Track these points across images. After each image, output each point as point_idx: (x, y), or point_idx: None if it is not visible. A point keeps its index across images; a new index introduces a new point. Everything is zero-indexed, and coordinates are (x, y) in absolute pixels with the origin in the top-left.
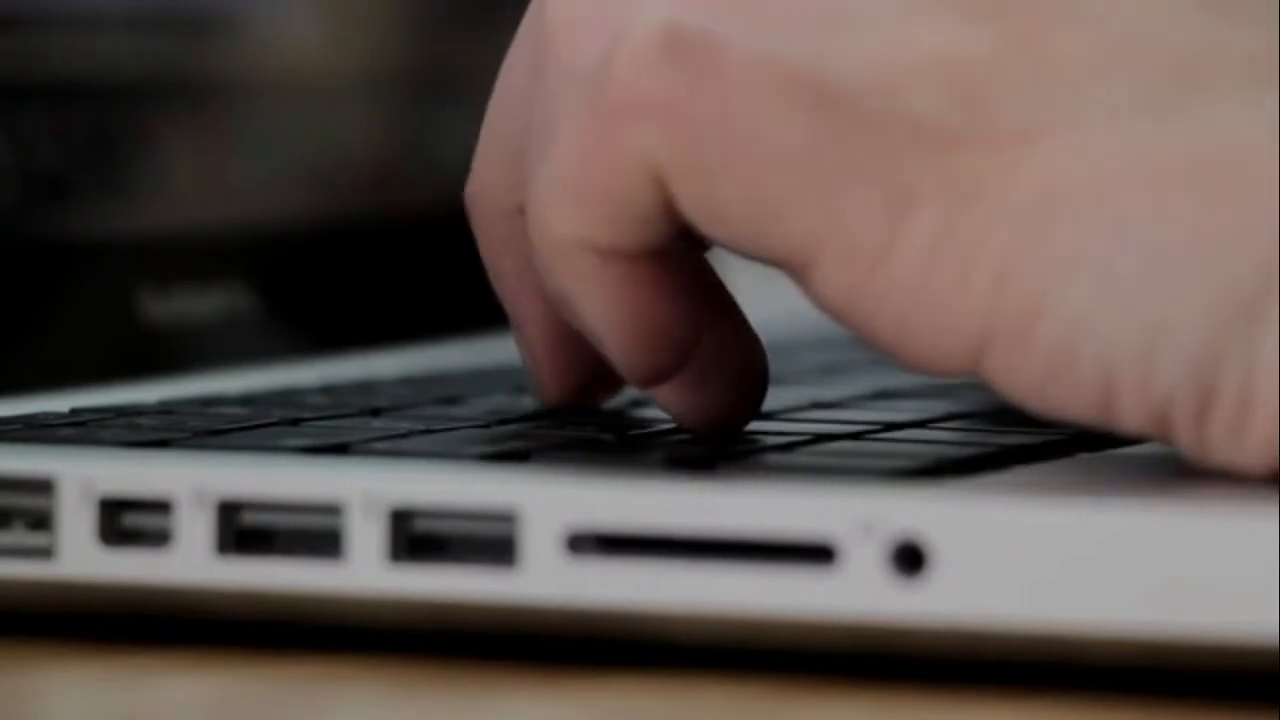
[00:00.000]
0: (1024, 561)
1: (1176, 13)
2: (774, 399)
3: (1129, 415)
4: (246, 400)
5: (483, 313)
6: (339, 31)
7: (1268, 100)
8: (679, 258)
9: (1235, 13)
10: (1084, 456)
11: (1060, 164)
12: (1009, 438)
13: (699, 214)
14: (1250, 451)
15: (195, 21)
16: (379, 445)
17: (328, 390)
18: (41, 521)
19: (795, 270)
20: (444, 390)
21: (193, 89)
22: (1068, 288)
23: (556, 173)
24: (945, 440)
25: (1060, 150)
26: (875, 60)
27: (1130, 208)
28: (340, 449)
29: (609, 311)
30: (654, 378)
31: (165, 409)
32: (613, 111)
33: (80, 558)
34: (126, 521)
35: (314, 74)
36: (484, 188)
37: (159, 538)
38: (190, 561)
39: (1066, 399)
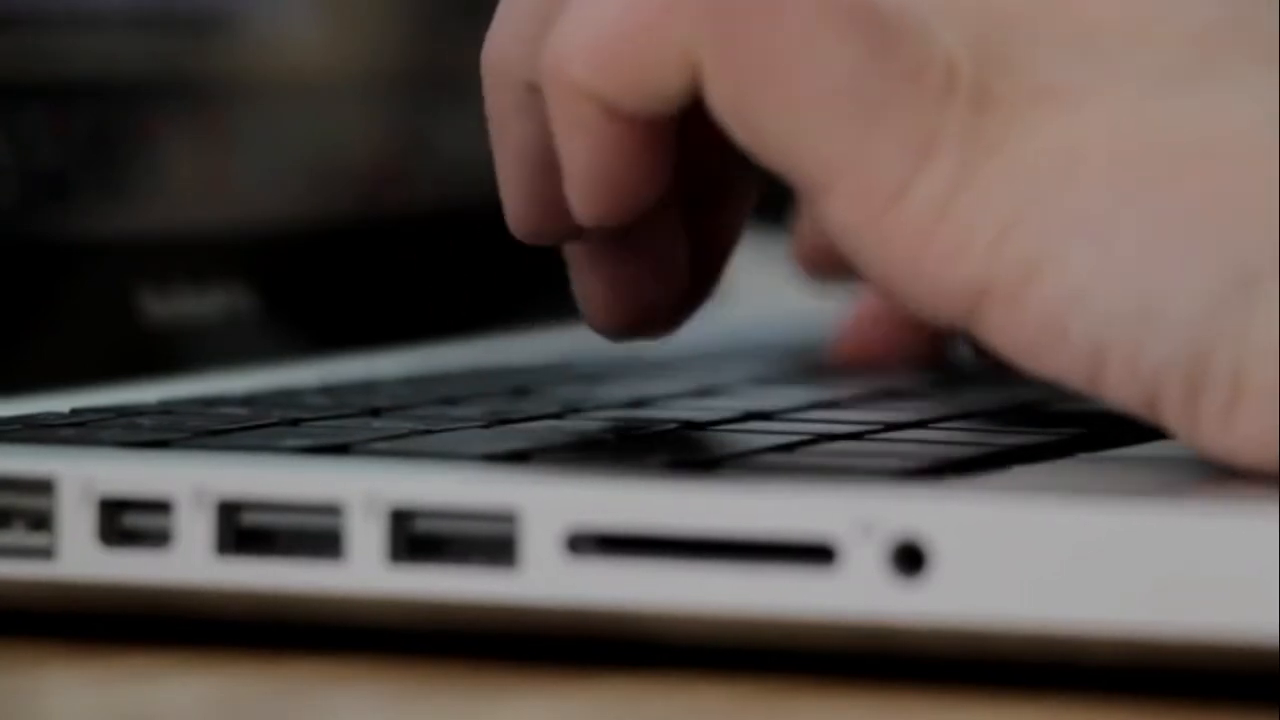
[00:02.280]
0: (1024, 561)
1: None
2: (774, 399)
3: (1118, 388)
4: (246, 400)
5: (483, 313)
6: (339, 31)
7: None
8: (673, 128)
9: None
10: (1084, 456)
11: (1076, 130)
12: (1009, 438)
13: (727, 115)
14: (1239, 436)
15: (195, 21)
16: (379, 445)
17: (328, 390)
18: (41, 521)
19: (811, 191)
20: (444, 390)
21: (193, 89)
22: (1067, 253)
23: (592, 25)
24: (945, 440)
25: (1079, 117)
26: (927, 6)
27: (1137, 180)
28: (340, 449)
29: (590, 158)
30: (600, 220)
31: (165, 409)
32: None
33: (80, 558)
34: (126, 521)
35: (314, 74)
36: (500, 58)
37: (159, 538)
38: (190, 561)
39: (1057, 363)
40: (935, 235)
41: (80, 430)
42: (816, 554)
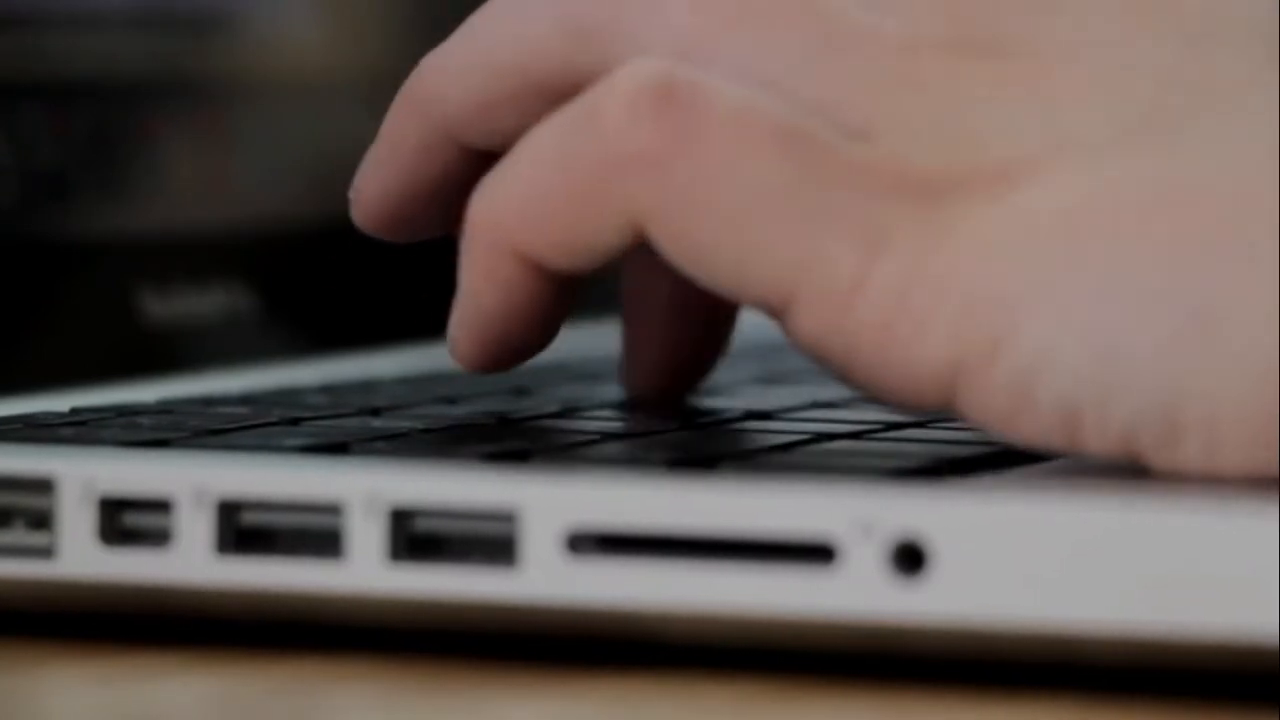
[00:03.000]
0: (1024, 561)
1: (1179, 34)
2: (774, 399)
3: (1097, 445)
4: (246, 400)
5: None
6: (339, 31)
7: (1249, 125)
8: (582, 283)
9: (1218, 43)
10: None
11: (1029, 201)
12: None
13: (680, 256)
14: (1228, 470)
15: (195, 21)
16: (379, 445)
17: (328, 390)
18: (41, 521)
19: (774, 312)
20: (444, 390)
21: (193, 89)
22: (1029, 320)
23: (528, 184)
24: (945, 440)
25: (1035, 185)
26: (864, 97)
27: (1091, 242)
28: (340, 449)
29: (497, 313)
30: (477, 369)
31: (165, 409)
32: (600, 162)
33: (80, 557)
34: (126, 521)
35: (314, 74)
36: (438, 97)
37: (159, 537)
38: (190, 561)
39: (1033, 429)
40: (898, 324)
41: (80, 430)
42: (816, 554)
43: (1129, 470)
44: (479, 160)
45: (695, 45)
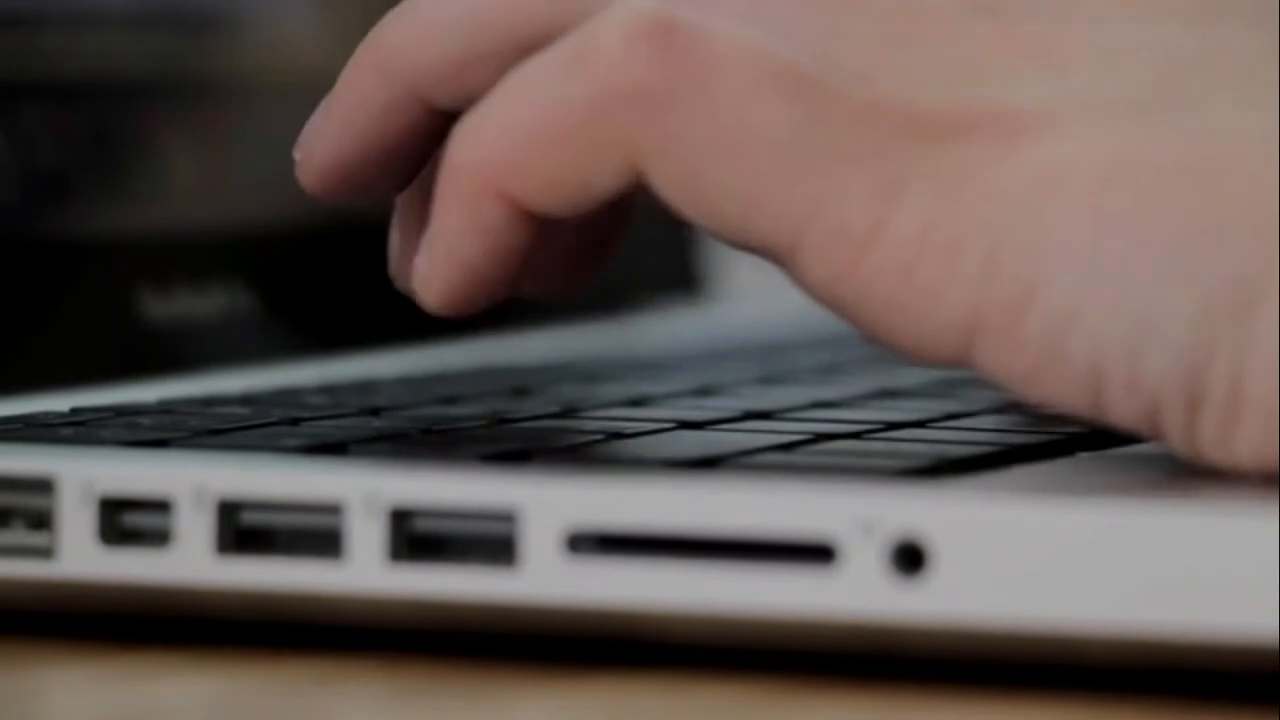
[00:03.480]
0: (1024, 561)
1: (1177, 15)
2: (774, 399)
3: (1119, 409)
4: (246, 400)
5: (483, 312)
6: (339, 31)
7: (1263, 101)
8: (562, 228)
9: (1235, 17)
10: (1084, 456)
11: (1055, 154)
12: (1009, 438)
13: (680, 199)
14: (1241, 450)
15: (195, 21)
16: (379, 445)
17: (328, 390)
18: (41, 521)
19: (779, 256)
20: (444, 390)
21: (193, 89)
22: (1057, 277)
23: (515, 123)
24: (945, 440)
25: (1051, 140)
26: (868, 49)
27: (1122, 200)
28: (340, 449)
29: (475, 258)
30: (446, 311)
31: (165, 409)
32: (596, 98)
33: (80, 558)
34: (126, 521)
35: (314, 74)
36: (400, 56)
37: (159, 538)
38: (190, 561)
39: (1056, 389)
40: (916, 272)
41: (80, 430)
42: (817, 554)
43: (1129, 470)
44: (443, 121)
45: None
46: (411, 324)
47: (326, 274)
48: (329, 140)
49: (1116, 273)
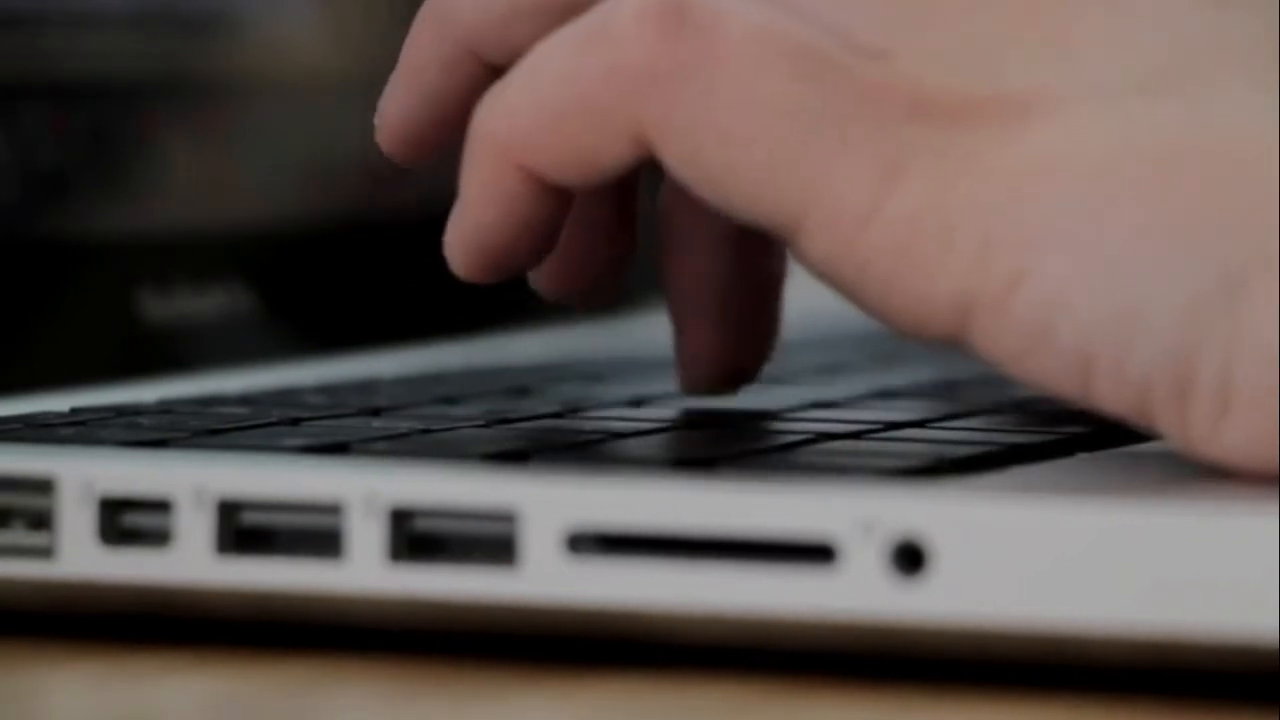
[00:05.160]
0: (1024, 561)
1: (1165, 6)
2: (774, 399)
3: (1108, 396)
4: (246, 400)
5: (483, 313)
6: (339, 31)
7: (1263, 91)
8: (580, 201)
9: (1238, 6)
10: (1084, 456)
11: (1053, 139)
12: (1009, 438)
13: (688, 176)
14: (1229, 440)
15: (195, 21)
16: (379, 445)
17: (328, 390)
18: (41, 521)
19: (783, 232)
20: (444, 390)
21: (193, 89)
22: (1049, 260)
23: (535, 95)
24: (945, 440)
25: (1055, 125)
26: (881, 30)
27: (1116, 187)
28: (340, 449)
29: (498, 225)
30: (473, 278)
31: (165, 409)
32: (608, 71)
33: (80, 558)
34: (126, 521)
35: (314, 74)
36: (457, 12)
37: (159, 537)
38: (190, 561)
39: (1045, 372)
40: (912, 250)
41: (80, 430)
42: (816, 554)
43: (1129, 471)
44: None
45: None
46: (411, 324)
47: (326, 274)
48: (398, 102)
49: (1108, 261)
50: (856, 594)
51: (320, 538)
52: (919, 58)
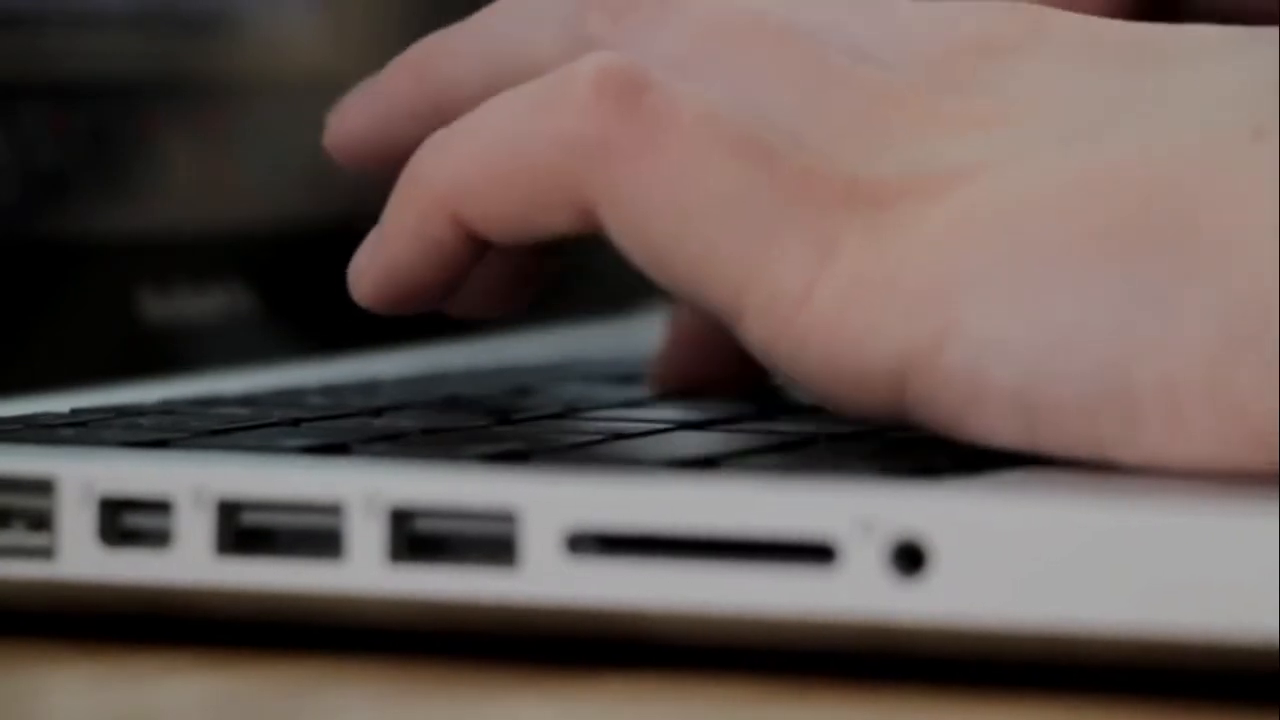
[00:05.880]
0: (1024, 561)
1: (1095, 63)
2: (773, 398)
3: (1054, 436)
4: (246, 400)
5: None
6: (339, 31)
7: (1156, 125)
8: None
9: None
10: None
11: (973, 197)
12: None
13: (635, 251)
14: (1190, 448)
15: (195, 21)
16: (379, 445)
17: (328, 390)
18: (41, 521)
19: (725, 314)
20: (444, 390)
21: (193, 89)
22: (976, 309)
23: (484, 153)
24: (945, 440)
25: (976, 186)
26: (831, 124)
27: (1029, 231)
28: (340, 449)
29: (414, 267)
30: (376, 308)
31: (165, 409)
32: (560, 137)
33: (80, 558)
34: (126, 521)
35: (314, 74)
36: (439, 70)
37: (159, 538)
38: (190, 561)
39: (987, 425)
40: (846, 323)
41: (80, 430)
42: (816, 554)
43: (1128, 471)
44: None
45: (687, 57)
46: (412, 324)
47: (326, 274)
48: (358, 122)
49: (1030, 300)
50: (856, 594)
51: (320, 538)
52: (860, 152)
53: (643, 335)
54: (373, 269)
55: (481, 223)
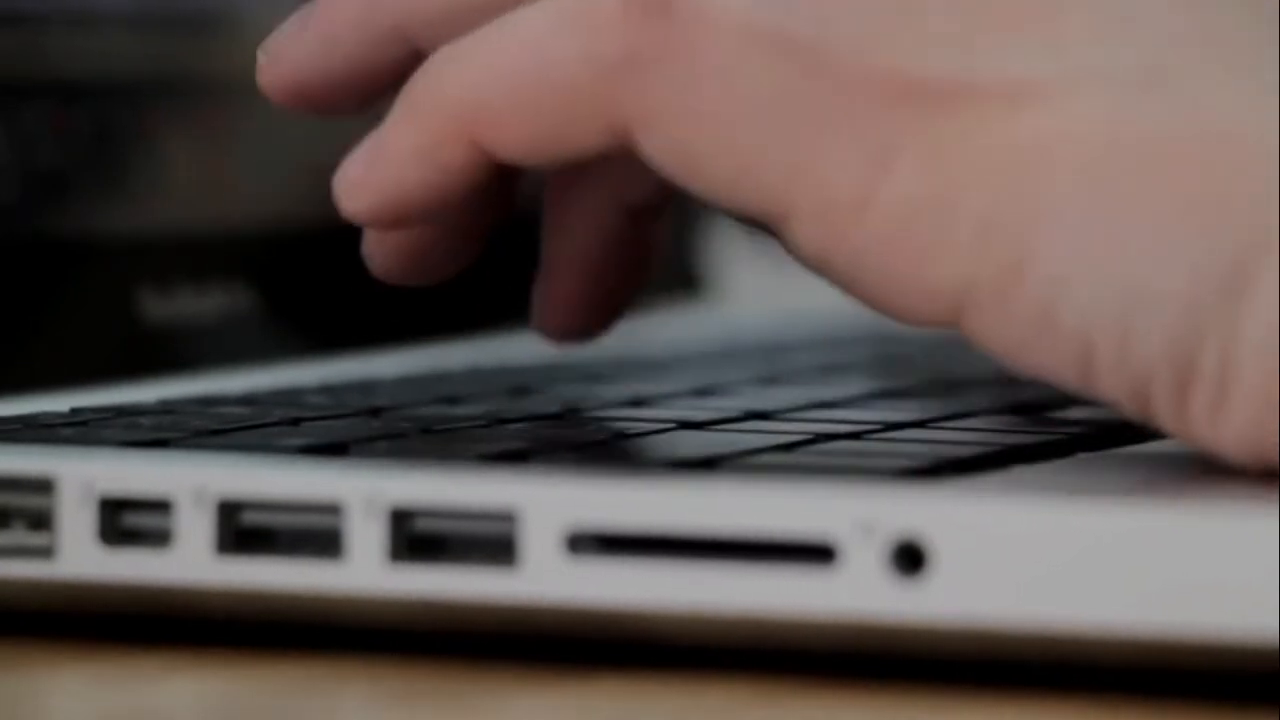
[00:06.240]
0: (1024, 561)
1: (1165, 2)
2: (774, 399)
3: (1108, 383)
4: (246, 400)
5: (483, 313)
6: None
7: (1257, 77)
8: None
9: (1227, 7)
10: (1084, 456)
11: (1046, 123)
12: (1009, 438)
13: (673, 164)
14: (1229, 432)
15: (195, 21)
16: (379, 445)
17: (328, 390)
18: (41, 521)
19: (771, 221)
20: (444, 390)
21: (193, 89)
22: (1050, 247)
23: (509, 73)
24: (945, 440)
25: (1049, 111)
26: (868, 17)
27: (1115, 173)
28: (340, 449)
29: (418, 190)
30: (364, 222)
31: (165, 409)
32: (589, 54)
33: (80, 558)
34: (126, 521)
35: None
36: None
37: (159, 538)
38: (190, 561)
39: (1046, 361)
40: (908, 240)
41: (80, 430)
42: (816, 554)
43: (1129, 471)
44: (421, 59)
45: None
46: (412, 324)
47: (326, 274)
48: (300, 54)
49: (1110, 246)
50: (856, 594)
51: (320, 538)
52: (905, 46)
53: (643, 335)
54: (370, 185)
55: (502, 147)
